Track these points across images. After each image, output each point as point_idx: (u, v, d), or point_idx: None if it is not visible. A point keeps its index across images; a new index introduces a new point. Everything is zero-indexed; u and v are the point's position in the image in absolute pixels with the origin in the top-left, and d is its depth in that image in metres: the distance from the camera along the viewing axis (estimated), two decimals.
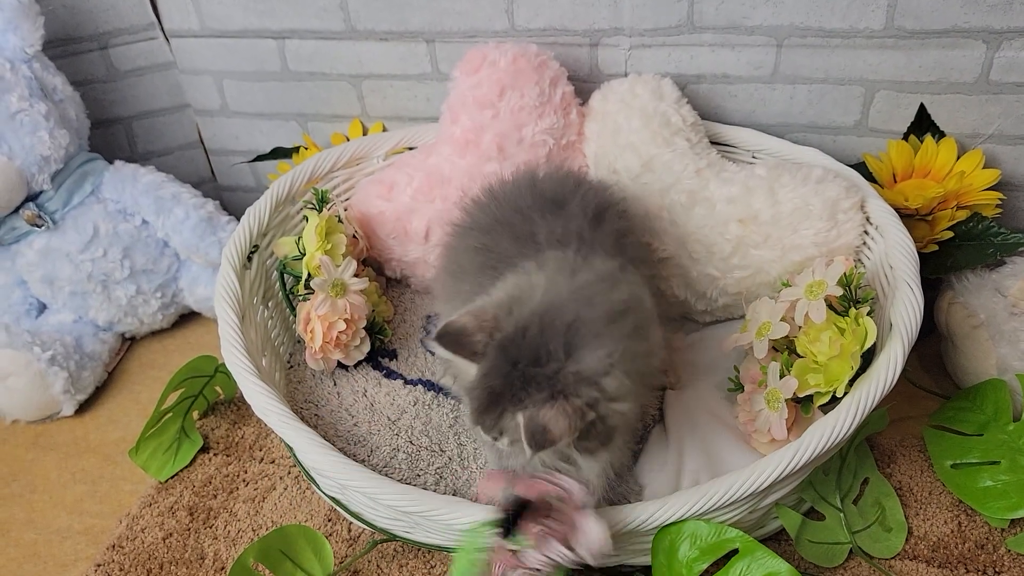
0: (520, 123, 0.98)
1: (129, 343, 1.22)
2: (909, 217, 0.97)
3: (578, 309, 0.66)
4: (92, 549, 0.93)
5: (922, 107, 1.01)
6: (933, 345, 1.04)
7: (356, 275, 0.94)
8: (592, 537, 0.70)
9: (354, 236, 0.99)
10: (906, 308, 0.80)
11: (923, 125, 1.01)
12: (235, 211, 1.19)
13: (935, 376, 1.03)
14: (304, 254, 0.93)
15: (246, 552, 0.79)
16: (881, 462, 0.92)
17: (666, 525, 0.76)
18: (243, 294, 0.92)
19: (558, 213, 0.80)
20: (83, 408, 1.12)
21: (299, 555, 0.81)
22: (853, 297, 0.81)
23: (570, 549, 0.70)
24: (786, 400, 0.80)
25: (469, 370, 0.67)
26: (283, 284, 0.99)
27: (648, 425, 0.91)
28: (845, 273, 0.80)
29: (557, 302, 0.66)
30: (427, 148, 1.06)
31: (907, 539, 0.84)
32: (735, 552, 0.75)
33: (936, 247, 0.99)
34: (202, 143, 1.34)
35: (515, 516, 0.71)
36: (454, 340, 0.65)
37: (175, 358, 1.19)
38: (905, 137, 1.02)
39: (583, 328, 0.65)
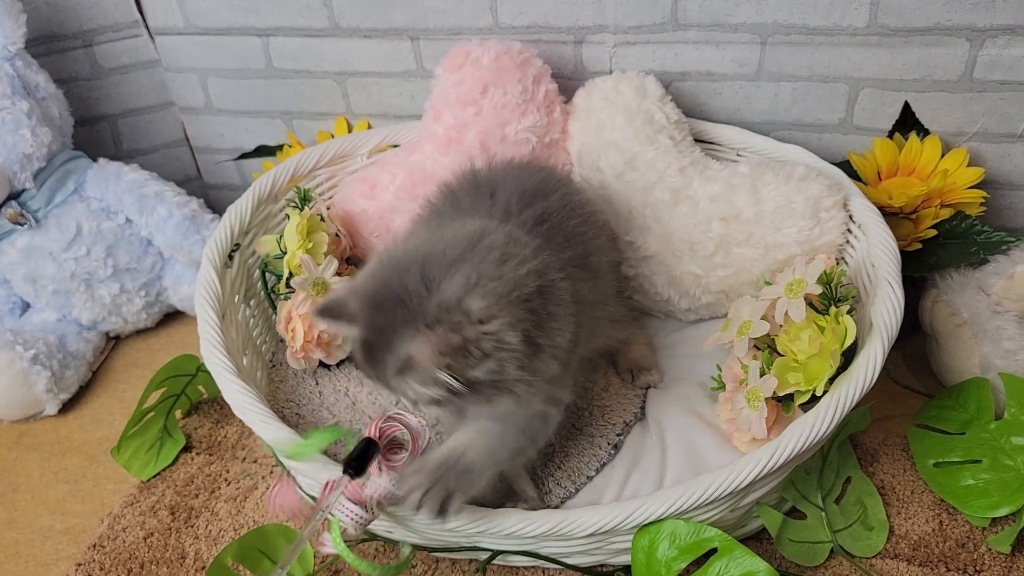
0: (503, 121, 0.98)
1: (114, 342, 1.22)
2: (893, 215, 0.97)
3: (431, 248, 0.67)
4: (73, 548, 0.92)
5: (906, 105, 1.00)
6: (918, 344, 1.04)
7: (339, 273, 0.94)
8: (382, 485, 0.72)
9: (336, 235, 0.99)
10: (887, 306, 0.80)
11: (907, 123, 1.01)
12: (221, 209, 1.18)
13: (920, 375, 1.02)
14: (285, 252, 0.93)
15: (224, 551, 0.79)
16: (864, 461, 0.92)
17: (645, 524, 0.76)
18: (224, 292, 0.91)
19: (494, 197, 0.81)
20: (67, 407, 1.11)
21: (279, 555, 0.81)
22: (834, 295, 0.81)
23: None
24: (766, 399, 0.80)
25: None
26: (264, 283, 0.99)
27: (628, 423, 0.91)
28: (825, 271, 0.80)
29: (413, 248, 0.68)
30: (410, 146, 1.05)
31: (888, 538, 0.84)
32: (714, 551, 0.75)
33: (920, 245, 0.98)
34: (187, 141, 1.33)
35: (363, 455, 0.72)
36: (330, 311, 0.67)
37: (160, 357, 1.18)
38: (890, 135, 1.02)
39: (438, 260, 0.66)
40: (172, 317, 1.25)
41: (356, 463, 0.71)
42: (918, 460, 0.90)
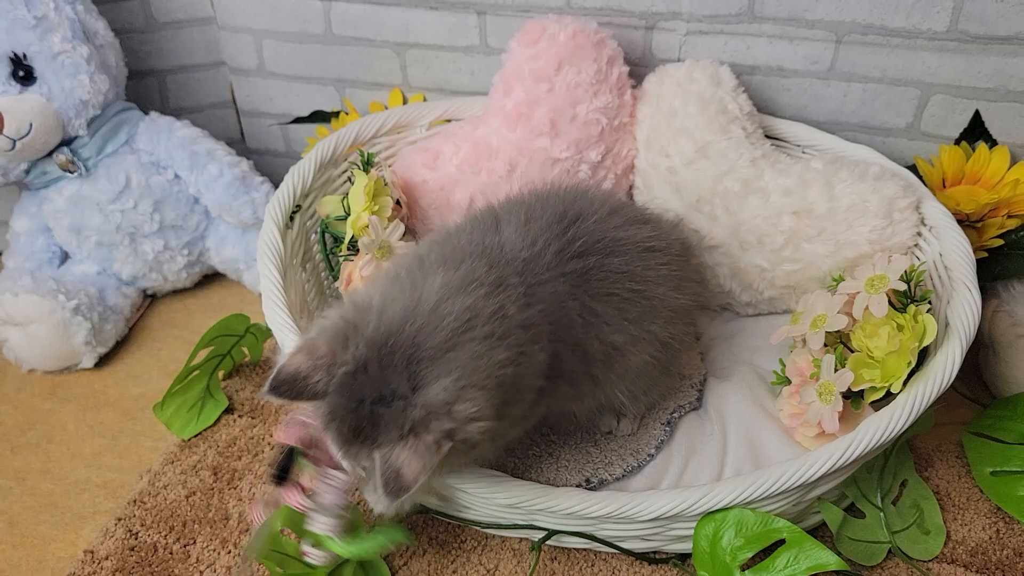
0: (575, 100, 0.97)
1: (150, 300, 1.20)
2: (958, 223, 0.96)
3: (416, 333, 0.60)
4: (111, 503, 0.91)
5: (977, 113, 1.00)
6: (968, 353, 1.03)
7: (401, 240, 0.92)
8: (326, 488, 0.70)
9: (397, 202, 0.97)
10: (964, 308, 0.79)
11: (976, 132, 1.01)
12: (263, 175, 1.17)
13: (968, 383, 1.02)
14: (349, 214, 0.91)
15: (273, 516, 0.77)
16: (918, 465, 0.91)
17: (710, 512, 0.75)
18: (285, 253, 0.90)
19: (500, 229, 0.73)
20: (102, 362, 1.09)
21: None
22: (912, 294, 0.80)
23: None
24: (840, 393, 0.79)
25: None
26: (323, 244, 0.97)
27: (682, 406, 0.89)
28: (907, 269, 0.80)
29: (395, 327, 0.61)
30: (475, 119, 1.04)
31: (945, 543, 0.84)
32: (780, 543, 0.74)
33: (985, 254, 0.98)
34: (234, 103, 1.31)
35: (286, 463, 0.70)
36: (290, 388, 0.60)
37: (197, 318, 1.17)
38: (957, 143, 1.02)
39: (425, 355, 0.60)
40: (209, 279, 1.23)
41: (282, 471, 0.70)
42: (975, 468, 0.89)
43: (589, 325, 0.71)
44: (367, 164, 0.96)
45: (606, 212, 0.76)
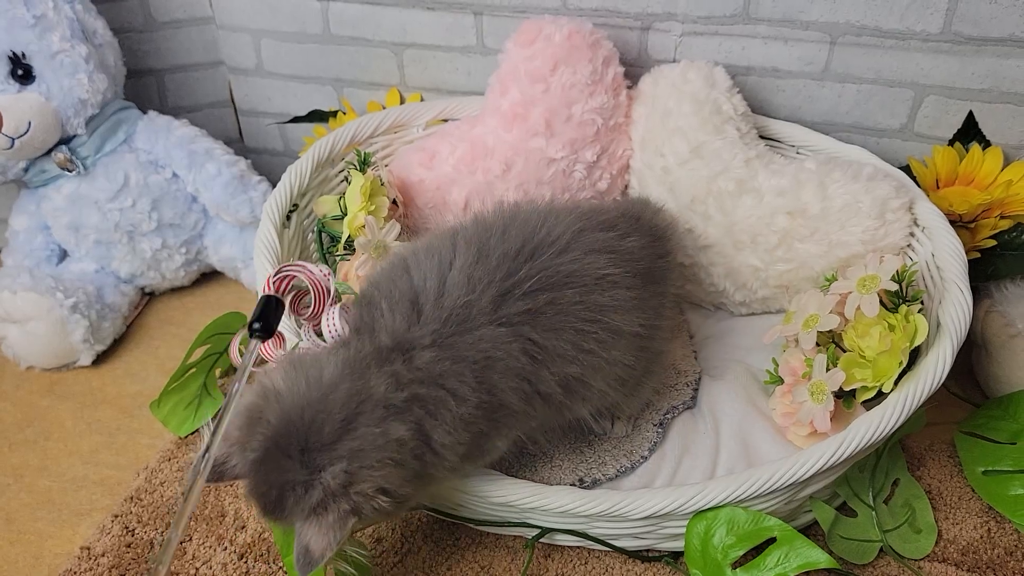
0: (570, 100, 0.97)
1: (148, 298, 1.20)
2: (952, 224, 0.96)
3: (310, 423, 0.62)
4: (108, 499, 0.91)
5: (970, 115, 1.00)
6: (961, 353, 1.04)
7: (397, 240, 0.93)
8: (336, 323, 0.72)
9: (394, 202, 0.98)
10: (955, 309, 0.80)
11: (970, 133, 1.01)
12: (261, 174, 1.18)
13: (962, 383, 1.02)
14: (345, 214, 0.92)
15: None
16: (911, 464, 0.92)
17: (702, 510, 0.75)
18: (281, 252, 0.90)
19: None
20: (100, 359, 1.10)
21: None
22: (904, 294, 0.81)
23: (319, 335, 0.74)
24: (832, 392, 0.80)
25: None
26: (320, 244, 0.97)
27: (675, 406, 0.90)
28: (899, 270, 0.80)
29: (293, 417, 0.63)
30: (472, 119, 1.05)
31: (936, 542, 0.84)
32: (772, 541, 0.75)
33: (978, 255, 0.98)
34: (233, 102, 1.32)
35: (265, 314, 0.70)
36: (214, 471, 0.65)
37: (194, 316, 1.17)
38: (950, 144, 1.02)
39: (318, 445, 0.62)
40: (207, 277, 1.24)
41: (262, 323, 0.69)
42: (967, 467, 0.90)
43: (538, 362, 0.70)
44: (364, 164, 0.96)
45: (565, 243, 0.74)
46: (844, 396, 0.82)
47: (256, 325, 0.69)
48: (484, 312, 0.69)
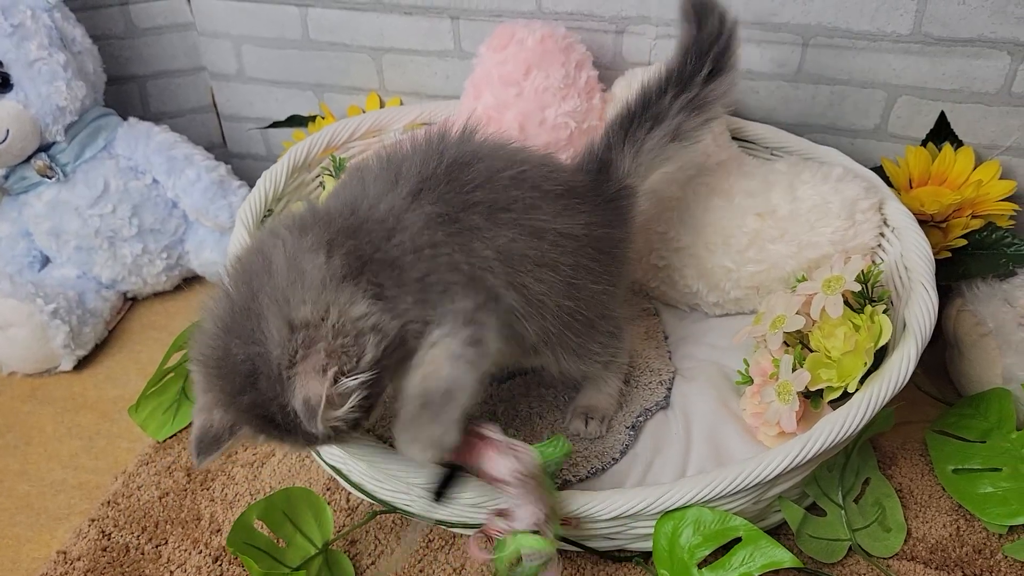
0: (543, 104, 0.98)
1: (130, 303, 1.21)
2: (923, 223, 0.97)
3: (238, 312, 0.65)
4: (86, 504, 0.92)
5: (942, 115, 1.01)
6: (936, 352, 1.05)
7: None
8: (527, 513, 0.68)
9: None
10: (921, 308, 0.80)
11: (942, 133, 1.02)
12: (243, 178, 1.19)
13: (936, 383, 1.03)
14: None
15: (250, 509, 0.78)
16: (882, 463, 0.92)
17: (669, 511, 0.76)
18: None
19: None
20: (82, 364, 1.10)
21: (300, 518, 0.80)
22: (869, 295, 0.81)
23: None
24: (798, 393, 0.80)
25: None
26: None
27: (649, 409, 0.91)
28: (863, 270, 0.81)
29: (224, 316, 0.65)
30: (447, 124, 1.05)
31: (906, 540, 0.85)
32: (738, 541, 0.75)
33: (949, 254, 0.99)
34: (215, 108, 1.33)
35: (446, 481, 0.71)
36: (211, 445, 0.66)
37: (176, 320, 1.18)
38: (923, 144, 1.03)
39: (243, 315, 0.64)
40: (190, 282, 1.24)
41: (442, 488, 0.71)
42: (937, 465, 0.90)
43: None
44: (339, 169, 0.97)
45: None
46: (812, 396, 0.83)
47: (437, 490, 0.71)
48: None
